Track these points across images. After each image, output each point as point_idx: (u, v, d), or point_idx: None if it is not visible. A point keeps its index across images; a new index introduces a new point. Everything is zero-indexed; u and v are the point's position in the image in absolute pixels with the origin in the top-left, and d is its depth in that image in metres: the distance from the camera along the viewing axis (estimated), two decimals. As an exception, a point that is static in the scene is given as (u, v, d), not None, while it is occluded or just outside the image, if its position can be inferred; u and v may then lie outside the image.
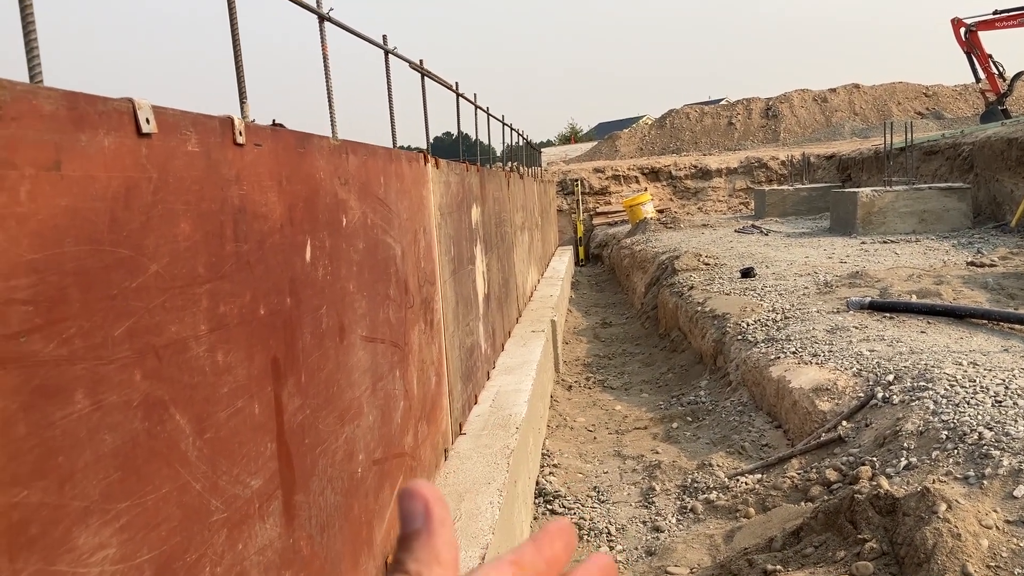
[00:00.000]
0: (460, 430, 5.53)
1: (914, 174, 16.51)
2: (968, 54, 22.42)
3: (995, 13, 21.39)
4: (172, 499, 1.91)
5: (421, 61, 6.34)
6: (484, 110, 9.76)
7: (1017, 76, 22.81)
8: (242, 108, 2.94)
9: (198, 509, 2.03)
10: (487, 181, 7.74)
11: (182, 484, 1.96)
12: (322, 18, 4.10)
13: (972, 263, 10.01)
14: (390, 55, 5.46)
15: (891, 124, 17.10)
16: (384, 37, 5.40)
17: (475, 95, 8.88)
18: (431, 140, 6.50)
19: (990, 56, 22.30)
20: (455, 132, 9.83)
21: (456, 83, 7.73)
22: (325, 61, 4.15)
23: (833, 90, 37.61)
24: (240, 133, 2.37)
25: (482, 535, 3.93)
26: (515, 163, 15.14)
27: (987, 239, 12.65)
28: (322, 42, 4.16)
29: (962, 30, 22.02)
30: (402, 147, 5.52)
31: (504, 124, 11.95)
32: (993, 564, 3.66)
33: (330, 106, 4.14)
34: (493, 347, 7.52)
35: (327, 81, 4.11)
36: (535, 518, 5.77)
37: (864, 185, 18.04)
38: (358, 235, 3.42)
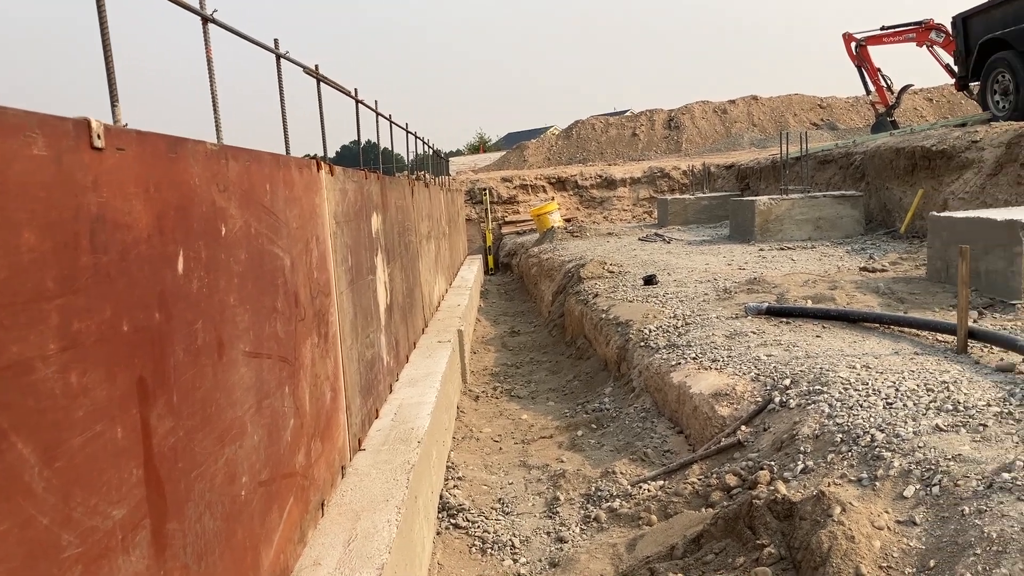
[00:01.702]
0: (359, 446, 5.37)
1: (809, 182, 17.03)
2: (859, 67, 23.27)
3: (882, 29, 22.27)
4: (12, 537, 1.74)
5: (316, 66, 6.17)
6: (387, 117, 9.62)
7: (904, 89, 23.82)
8: (113, 111, 2.75)
9: (46, 545, 1.85)
10: (389, 189, 7.59)
11: (25, 519, 1.79)
12: (205, 20, 3.93)
13: (865, 268, 10.33)
14: (282, 60, 5.30)
15: (787, 134, 17.59)
16: (275, 41, 5.23)
17: (376, 102, 8.73)
18: (338, 149, 6.36)
19: (879, 70, 23.20)
20: (365, 141, 9.64)
21: (355, 89, 7.56)
22: (209, 65, 3.97)
23: (733, 102, 38.60)
24: (98, 136, 2.20)
25: (378, 555, 3.79)
26: (422, 172, 15.01)
27: (879, 245, 13.10)
28: (206, 45, 3.99)
29: (853, 44, 22.84)
30: (309, 156, 5.36)
31: (408, 132, 11.82)
32: (885, 564, 3.72)
33: (215, 111, 3.96)
34: (396, 359, 7.36)
35: (211, 86, 3.94)
36: (438, 533, 5.65)
37: (762, 193, 18.55)
38: (240, 245, 3.25)
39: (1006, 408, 4.61)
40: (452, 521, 5.80)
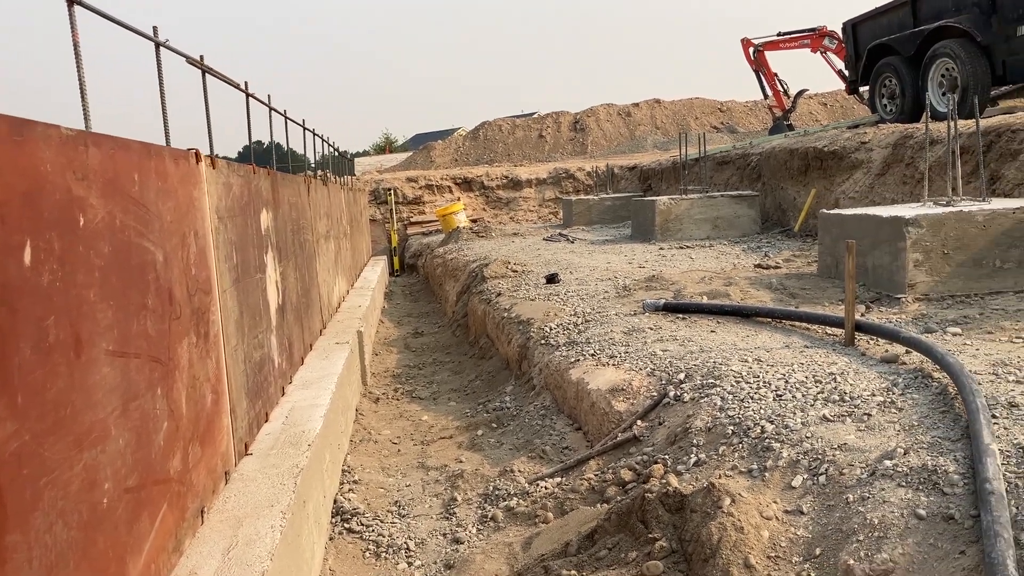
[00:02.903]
0: (246, 451, 5.16)
1: (708, 183, 17.38)
2: (757, 72, 23.89)
3: (779, 35, 22.94)
4: None
5: (201, 57, 5.93)
6: (281, 112, 9.35)
7: (799, 93, 24.57)
8: (-43, 93, 2.54)
9: None
10: (281, 185, 7.36)
11: None
12: (71, 1, 3.71)
13: (759, 265, 10.57)
14: (162, 48, 5.06)
15: (686, 136, 17.92)
16: (155, 28, 4.99)
17: (268, 96, 8.46)
18: (240, 150, 6.10)
19: (776, 74, 23.87)
20: (268, 141, 9.35)
21: (245, 83, 7.31)
22: (76, 49, 3.75)
23: (636, 105, 39.21)
24: (-80, 112, 2.00)
25: (259, 562, 3.62)
26: (324, 171, 14.70)
27: (773, 243, 13.45)
28: (72, 28, 3.78)
29: (751, 49, 23.43)
30: (222, 157, 5.14)
31: (306, 129, 11.54)
32: (773, 554, 3.75)
33: (83, 98, 3.75)
34: (290, 361, 7.14)
35: (79, 72, 3.72)
36: (331, 538, 5.48)
37: (664, 194, 18.83)
38: (102, 237, 3.05)
39: (889, 397, 4.73)
40: (346, 525, 5.64)
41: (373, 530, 5.55)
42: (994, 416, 4.12)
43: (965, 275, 7.35)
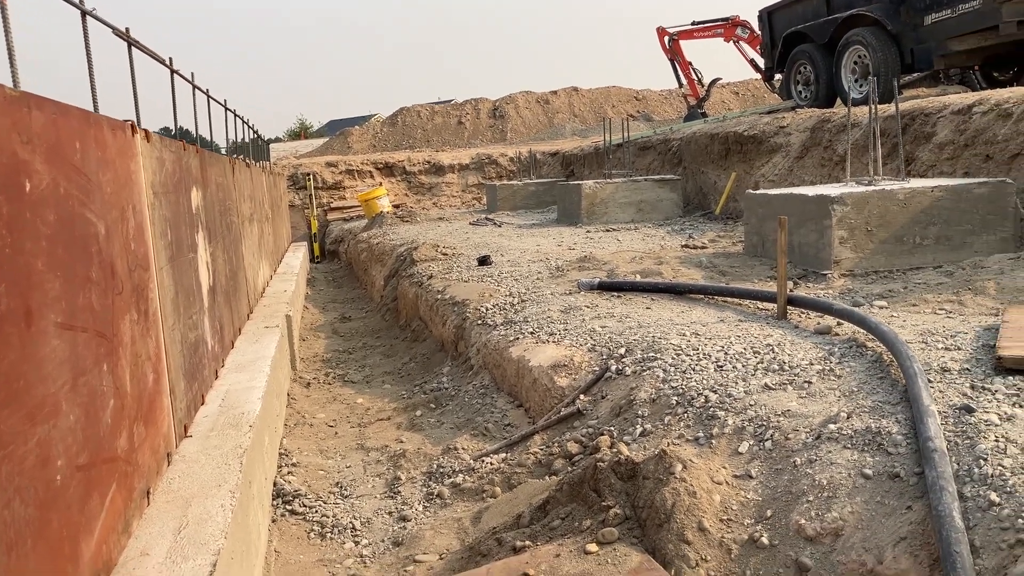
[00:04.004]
0: (185, 432, 5.01)
1: (631, 168, 17.61)
2: (672, 61, 24.28)
3: (693, 24, 23.35)
4: None
5: (127, 29, 5.72)
6: (204, 91, 9.09)
7: (713, 82, 25.07)
8: None
9: None
10: (209, 164, 7.16)
11: None
12: (-3, -40, 3.53)
13: (686, 245, 10.78)
14: (88, 17, 4.86)
15: (609, 122, 18.12)
16: (81, -2, 4.80)
17: (192, 74, 8.22)
18: (156, 130, 5.87)
19: (690, 63, 24.30)
20: (184, 126, 9.05)
21: (170, 59, 7.08)
22: (3, 11, 3.58)
23: (554, 92, 39.41)
24: None
25: (213, 540, 3.53)
26: (242, 156, 14.35)
27: (696, 225, 13.73)
28: (-3, -10, 3.60)
29: (666, 38, 23.80)
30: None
31: (227, 109, 11.25)
32: (725, 517, 3.84)
33: (11, 62, 3.57)
34: (222, 344, 6.96)
35: (7, 36, 3.55)
36: (274, 520, 5.38)
37: (586, 179, 18.97)
38: (48, 205, 2.92)
39: (827, 366, 4.88)
40: (288, 507, 5.54)
41: (316, 511, 5.47)
42: (929, 380, 4.29)
43: (888, 251, 7.63)
